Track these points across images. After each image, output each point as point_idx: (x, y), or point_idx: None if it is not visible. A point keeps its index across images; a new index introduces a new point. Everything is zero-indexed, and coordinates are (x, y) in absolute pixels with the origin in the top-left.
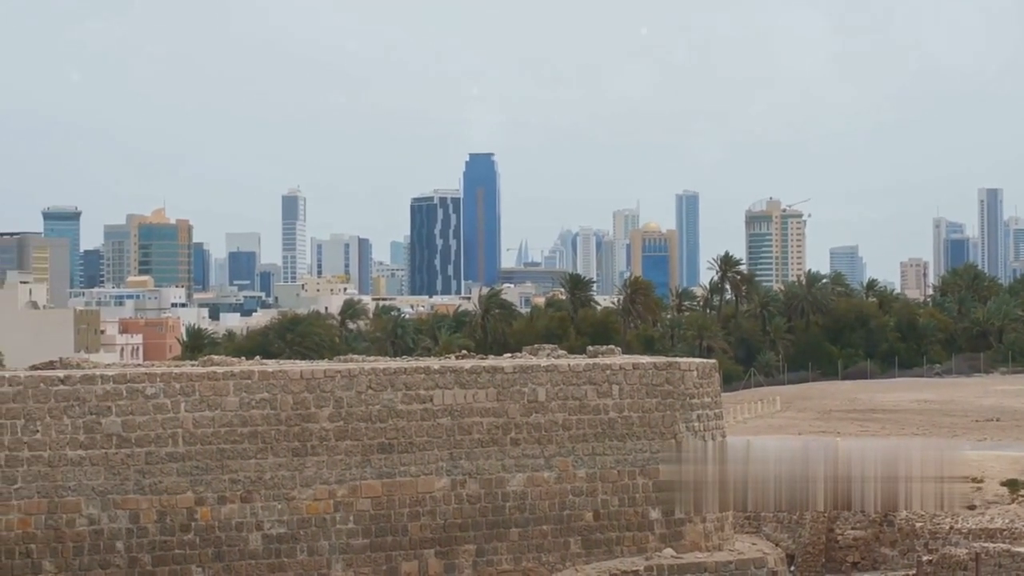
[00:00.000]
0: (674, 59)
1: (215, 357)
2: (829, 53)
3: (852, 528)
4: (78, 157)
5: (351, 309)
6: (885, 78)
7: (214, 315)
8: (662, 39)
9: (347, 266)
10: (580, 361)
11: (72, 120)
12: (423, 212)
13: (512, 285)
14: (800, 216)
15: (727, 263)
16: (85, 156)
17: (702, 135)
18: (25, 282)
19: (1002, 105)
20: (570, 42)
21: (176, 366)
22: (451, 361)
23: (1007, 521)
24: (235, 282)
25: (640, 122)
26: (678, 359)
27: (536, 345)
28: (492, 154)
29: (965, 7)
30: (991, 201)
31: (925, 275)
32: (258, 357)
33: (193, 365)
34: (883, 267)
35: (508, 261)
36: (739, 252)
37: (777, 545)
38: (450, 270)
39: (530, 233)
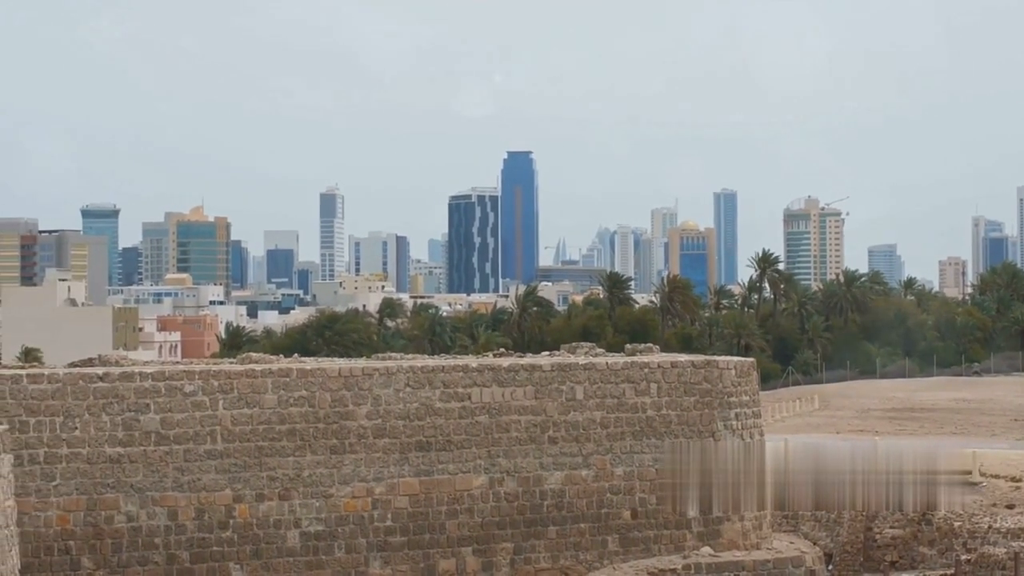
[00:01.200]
0: (712, 58)
1: (253, 355)
2: (865, 50)
3: (890, 527)
4: (117, 155)
5: (389, 307)
6: (925, 75)
7: (252, 313)
8: (699, 39)
9: (385, 264)
10: (618, 359)
11: (109, 119)
12: (461, 210)
13: (550, 283)
14: (838, 214)
15: (765, 261)
16: (124, 154)
17: (739, 133)
18: (64, 279)
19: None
20: (606, 38)
21: (214, 364)
22: (489, 359)
23: None
24: (273, 280)
25: (678, 120)
26: (716, 357)
27: (574, 343)
28: (530, 152)
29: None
30: None
31: (964, 273)
32: (296, 355)
33: (231, 363)
34: (922, 266)
35: (546, 259)
36: (777, 250)
37: (815, 544)
38: (488, 268)
39: (568, 231)
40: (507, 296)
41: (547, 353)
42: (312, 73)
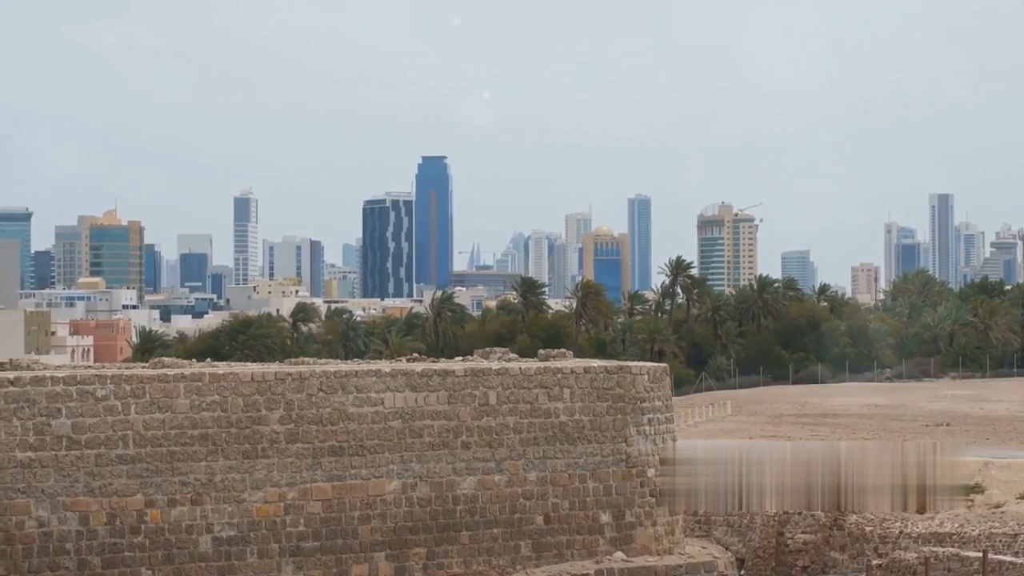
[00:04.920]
0: (628, 63)
1: (166, 359)
2: (788, 59)
3: (802, 532)
4: (30, 157)
5: (303, 311)
6: (837, 84)
7: (165, 317)
8: (620, 44)
9: (299, 268)
10: (531, 364)
11: (20, 118)
12: (375, 214)
13: (464, 288)
14: (752, 220)
15: (679, 267)
16: (38, 156)
17: (655, 139)
18: None
19: (953, 113)
20: (524, 46)
21: (127, 368)
22: (402, 364)
23: (956, 526)
24: (186, 284)
25: (593, 125)
26: (629, 363)
27: (487, 348)
28: (444, 157)
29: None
30: (942, 207)
31: (876, 280)
32: (209, 359)
33: (144, 367)
34: (834, 272)
35: (460, 264)
36: (691, 256)
37: (727, 549)
38: (402, 273)
39: (482, 236)
40: (421, 301)
41: (461, 358)
42: (225, 72)
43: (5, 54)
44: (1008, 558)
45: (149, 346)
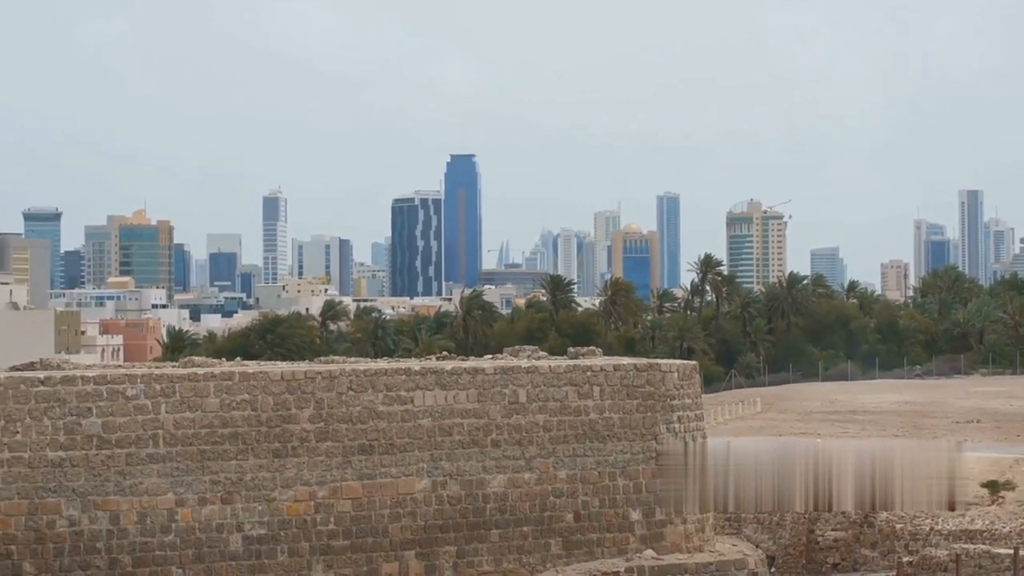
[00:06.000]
0: (657, 60)
1: (196, 358)
2: (817, 56)
3: (832, 529)
4: (60, 157)
5: (332, 310)
6: (868, 82)
7: (195, 316)
8: (648, 41)
9: (328, 267)
10: (561, 362)
11: (51, 120)
12: (404, 213)
13: (493, 286)
14: (781, 217)
15: (708, 264)
16: (67, 156)
17: (683, 138)
18: (5, 283)
19: (982, 108)
20: (552, 44)
21: (157, 367)
22: (432, 362)
23: (987, 523)
24: (216, 283)
25: (621, 123)
26: (659, 360)
27: (517, 346)
28: (473, 155)
29: (950, 15)
30: (971, 203)
31: (906, 276)
32: (239, 358)
33: (174, 366)
34: (864, 269)
35: (489, 262)
36: (720, 254)
37: (757, 546)
38: (431, 271)
39: (511, 234)
40: (450, 299)
41: (490, 356)
42: (254, 74)
43: (18, 54)
44: None
45: (179, 345)
